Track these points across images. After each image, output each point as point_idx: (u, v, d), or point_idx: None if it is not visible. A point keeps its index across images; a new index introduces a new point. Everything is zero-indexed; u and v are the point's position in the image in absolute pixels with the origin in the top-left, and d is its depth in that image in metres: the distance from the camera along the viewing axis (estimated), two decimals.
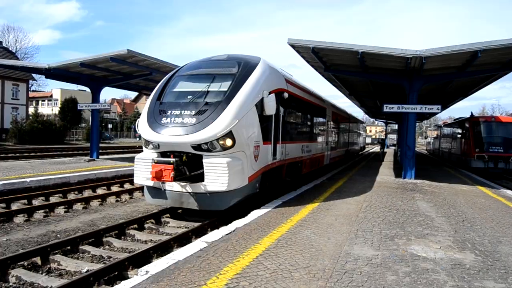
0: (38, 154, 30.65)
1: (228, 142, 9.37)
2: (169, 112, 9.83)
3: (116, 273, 6.85)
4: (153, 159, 9.59)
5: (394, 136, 70.98)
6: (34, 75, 54.33)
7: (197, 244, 6.80)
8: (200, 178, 9.52)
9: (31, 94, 72.57)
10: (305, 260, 6.16)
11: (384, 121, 63.02)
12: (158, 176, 9.21)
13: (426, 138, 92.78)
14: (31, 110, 55.22)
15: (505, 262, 6.48)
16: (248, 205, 10.69)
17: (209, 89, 10.21)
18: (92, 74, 22.77)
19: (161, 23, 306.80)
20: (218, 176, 9.21)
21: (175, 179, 9.36)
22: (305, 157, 16.46)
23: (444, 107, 32.42)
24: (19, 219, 10.55)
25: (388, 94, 26.58)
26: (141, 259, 7.34)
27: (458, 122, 32.76)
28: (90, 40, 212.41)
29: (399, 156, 29.91)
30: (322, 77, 23.05)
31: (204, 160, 9.37)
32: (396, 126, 55.33)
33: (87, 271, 6.85)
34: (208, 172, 9.33)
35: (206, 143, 9.28)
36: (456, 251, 6.97)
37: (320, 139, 20.04)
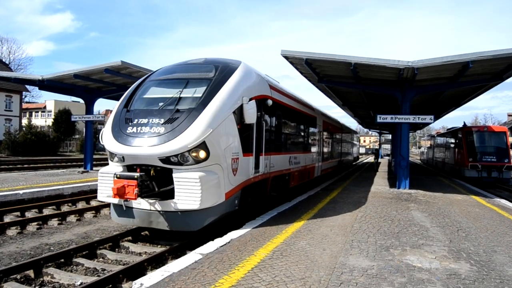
0: (31, 166, 30.43)
1: (201, 154, 8.40)
2: (136, 120, 8.88)
3: (110, 286, 6.78)
4: (115, 174, 8.59)
5: (388, 146, 71.35)
6: (27, 86, 54.24)
7: (191, 256, 6.76)
8: (171, 194, 8.50)
9: (24, 106, 72.35)
10: (300, 271, 6.13)
11: (378, 131, 63.52)
12: (120, 193, 8.20)
13: (419, 148, 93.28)
14: (24, 121, 55.06)
15: (500, 272, 6.49)
16: (228, 224, 9.86)
17: (182, 95, 9.25)
18: (86, 85, 22.76)
19: (155, 35, 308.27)
20: (189, 192, 8.16)
21: (141, 196, 8.40)
22: (293, 169, 15.54)
23: (437, 117, 32.67)
24: (12, 231, 10.44)
25: (382, 105, 26.77)
26: (136, 271, 7.27)
27: (451, 132, 33.01)
28: (84, 52, 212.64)
29: (393, 166, 30.04)
30: (315, 87, 23.19)
31: (174, 175, 8.31)
32: (389, 136, 55.65)
33: (81, 284, 6.77)
34: (178, 188, 8.27)
35: (175, 156, 8.29)
36: (451, 261, 6.97)
37: (310, 149, 19.06)
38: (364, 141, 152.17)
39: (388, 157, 60.95)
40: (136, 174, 8.35)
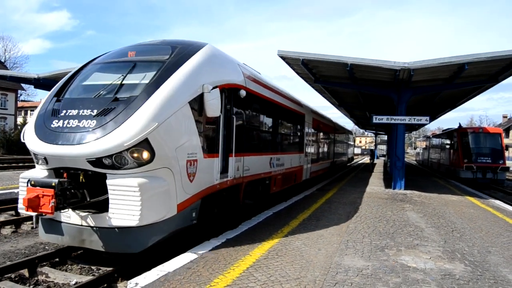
0: (26, 164, 30.31)
1: (144, 155, 6.64)
2: (64, 112, 7.11)
3: (106, 285, 6.77)
4: (29, 180, 6.81)
5: (384, 147, 71.53)
6: (23, 85, 53.97)
7: (187, 256, 6.75)
8: (107, 206, 6.69)
9: (20, 104, 71.93)
10: (295, 271, 6.14)
11: (374, 131, 63.68)
12: (33, 205, 6.44)
13: (415, 148, 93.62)
14: (19, 120, 54.73)
15: (494, 272, 6.53)
16: (182, 242, 8.12)
17: (125, 81, 7.54)
18: None
19: (153, 34, 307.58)
20: (126, 204, 6.44)
21: (65, 207, 6.73)
22: (275, 172, 13.59)
23: (432, 118, 32.81)
24: (6, 230, 10.39)
25: (378, 105, 26.86)
26: (131, 271, 7.25)
27: (447, 133, 33.16)
28: (80, 50, 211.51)
29: (389, 166, 30.13)
30: (312, 88, 23.23)
31: (107, 182, 6.56)
32: (385, 137, 55.82)
33: (76, 283, 6.75)
34: (113, 199, 6.52)
35: (109, 157, 6.51)
36: (446, 262, 7.01)
37: (296, 150, 17.08)
38: (360, 142, 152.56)
39: (383, 158, 61.11)
40: (54, 181, 6.50)
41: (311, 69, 18.11)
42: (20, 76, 24.28)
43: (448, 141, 31.84)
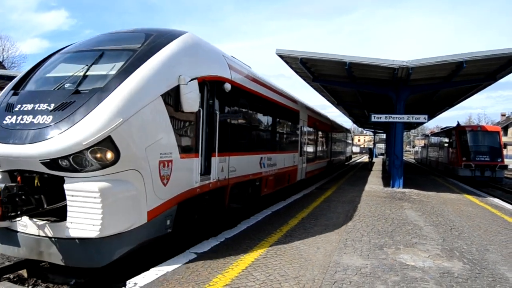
0: None
1: (107, 155, 5.84)
2: (19, 107, 6.27)
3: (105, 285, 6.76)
4: None
5: (383, 145, 71.63)
6: None
7: (186, 255, 6.75)
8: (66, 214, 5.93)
9: None
10: (294, 270, 6.15)
11: (372, 130, 63.75)
12: None
13: (414, 147, 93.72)
14: None
15: (493, 270, 6.54)
16: (155, 253, 7.35)
17: (90, 72, 6.75)
18: None
19: None
20: (86, 212, 5.72)
21: (19, 215, 5.92)
22: (266, 173, 12.77)
23: (431, 117, 32.88)
24: None
25: (376, 104, 26.88)
26: (131, 270, 7.24)
27: (445, 132, 33.20)
28: None
29: (388, 165, 30.18)
30: (310, 86, 23.23)
31: (65, 186, 5.81)
32: (384, 136, 55.88)
33: (75, 283, 6.74)
34: (72, 206, 5.78)
35: (65, 157, 5.68)
36: (445, 260, 7.02)
37: (290, 149, 16.23)
38: (359, 140, 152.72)
39: (382, 157, 61.13)
40: (0, 186, 5.72)
41: (310, 68, 18.12)
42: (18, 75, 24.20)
43: (446, 140, 31.89)
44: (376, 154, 66.04)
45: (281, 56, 16.44)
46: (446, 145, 31.96)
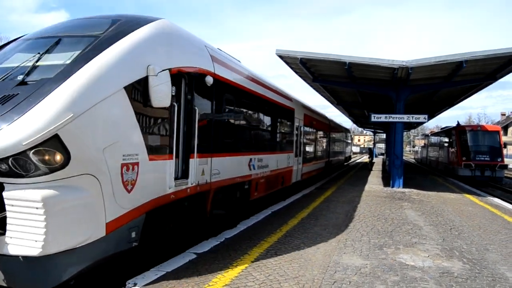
0: None
1: (56, 157, 4.93)
2: None
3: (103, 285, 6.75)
4: None
5: (383, 145, 71.64)
6: None
7: (185, 256, 6.76)
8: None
9: None
10: (294, 270, 6.15)
11: (372, 130, 63.76)
12: None
13: (414, 147, 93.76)
14: None
15: (493, 270, 6.54)
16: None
17: (41, 61, 5.90)
18: None
19: None
20: (27, 225, 4.81)
21: None
22: (257, 175, 11.75)
23: (431, 116, 32.88)
24: None
25: (376, 104, 26.89)
26: (131, 270, 7.25)
27: (445, 131, 33.21)
28: None
29: (387, 165, 30.19)
30: (311, 87, 23.25)
31: (4, 194, 4.88)
32: (384, 135, 55.88)
33: (73, 283, 6.74)
34: (11, 217, 4.85)
35: (3, 159, 4.79)
36: (444, 259, 7.02)
37: (284, 149, 15.26)
38: (359, 140, 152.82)
39: (382, 156, 61.12)
40: None
41: (309, 68, 18.13)
42: None
43: (446, 139, 31.90)
44: (376, 154, 66.00)
45: (281, 57, 16.46)
46: (446, 145, 31.98)
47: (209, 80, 8.01)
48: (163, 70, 6.40)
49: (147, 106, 6.19)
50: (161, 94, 6.29)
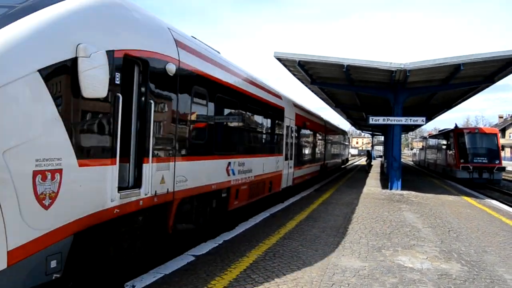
0: None
1: None
2: None
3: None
4: None
5: (381, 148, 71.69)
6: None
7: (184, 258, 6.75)
8: None
9: None
10: (292, 272, 6.14)
11: (371, 132, 63.82)
12: None
13: (412, 149, 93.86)
14: None
15: (491, 272, 6.55)
16: None
17: None
18: None
19: None
20: None
21: None
22: (237, 181, 10.29)
23: (429, 119, 32.97)
24: None
25: (374, 106, 26.97)
26: (129, 273, 7.23)
27: (443, 134, 33.28)
28: None
29: (386, 167, 30.22)
30: (309, 89, 23.29)
31: None
32: (382, 138, 55.94)
33: (71, 285, 6.72)
34: None
35: None
36: (443, 262, 7.02)
37: (272, 151, 13.83)
38: (357, 143, 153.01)
39: (380, 159, 61.14)
40: None
41: (308, 71, 18.16)
42: None
43: (444, 142, 31.95)
44: (374, 156, 65.95)
45: (279, 59, 16.48)
46: (444, 147, 32.02)
47: (171, 68, 6.75)
48: (99, 51, 5.08)
49: (78, 97, 4.88)
50: (95, 81, 4.97)
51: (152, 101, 6.18)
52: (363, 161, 65.79)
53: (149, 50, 6.23)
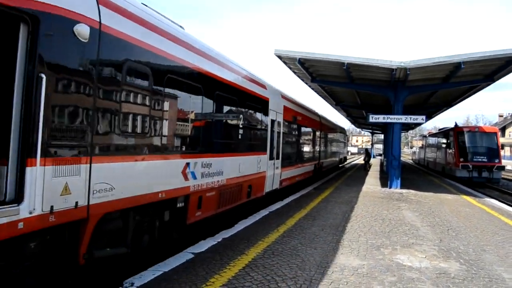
0: None
1: None
2: None
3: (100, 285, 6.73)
4: None
5: (381, 146, 71.71)
6: None
7: (183, 255, 6.75)
8: None
9: None
10: (291, 270, 6.15)
11: (370, 131, 63.85)
12: None
13: (411, 148, 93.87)
14: None
15: (489, 271, 6.56)
16: None
17: None
18: None
19: None
20: None
21: None
22: (200, 186, 8.22)
23: (428, 117, 32.95)
24: None
25: (374, 105, 26.96)
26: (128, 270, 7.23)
27: (443, 132, 33.27)
28: None
29: (385, 165, 30.22)
30: (309, 87, 23.27)
31: None
32: (382, 136, 55.93)
33: (70, 283, 6.72)
34: None
35: None
36: (441, 260, 7.03)
37: (252, 149, 11.74)
38: (357, 141, 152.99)
39: (380, 157, 61.15)
40: None
41: (308, 68, 18.14)
42: None
43: (444, 140, 31.94)
44: (374, 155, 65.90)
45: (279, 57, 16.47)
46: (443, 146, 32.01)
47: (83, 30, 4.86)
48: None
49: None
50: None
51: (43, 75, 4.28)
52: (361, 160, 65.69)
53: (46, 3, 4.39)
